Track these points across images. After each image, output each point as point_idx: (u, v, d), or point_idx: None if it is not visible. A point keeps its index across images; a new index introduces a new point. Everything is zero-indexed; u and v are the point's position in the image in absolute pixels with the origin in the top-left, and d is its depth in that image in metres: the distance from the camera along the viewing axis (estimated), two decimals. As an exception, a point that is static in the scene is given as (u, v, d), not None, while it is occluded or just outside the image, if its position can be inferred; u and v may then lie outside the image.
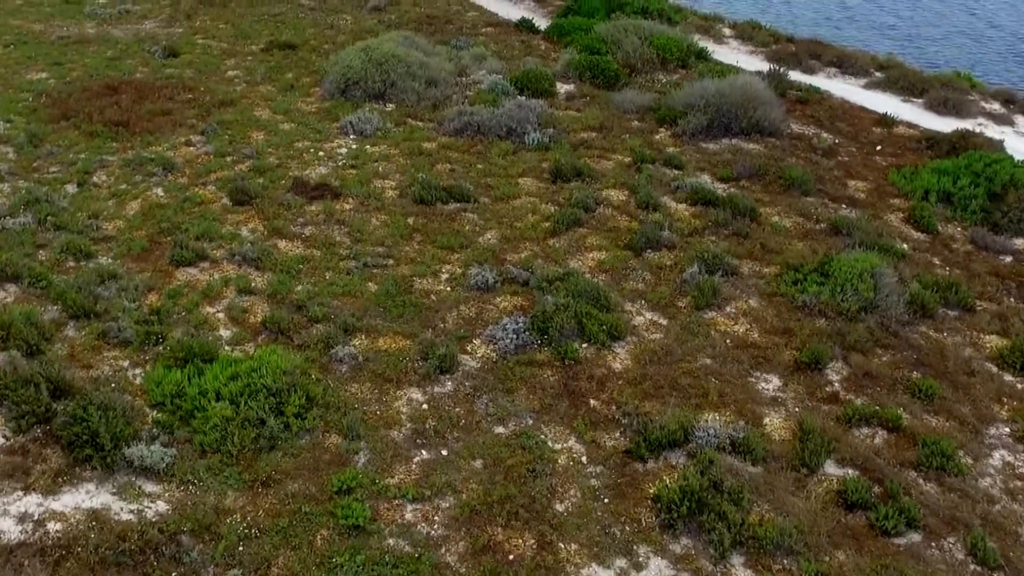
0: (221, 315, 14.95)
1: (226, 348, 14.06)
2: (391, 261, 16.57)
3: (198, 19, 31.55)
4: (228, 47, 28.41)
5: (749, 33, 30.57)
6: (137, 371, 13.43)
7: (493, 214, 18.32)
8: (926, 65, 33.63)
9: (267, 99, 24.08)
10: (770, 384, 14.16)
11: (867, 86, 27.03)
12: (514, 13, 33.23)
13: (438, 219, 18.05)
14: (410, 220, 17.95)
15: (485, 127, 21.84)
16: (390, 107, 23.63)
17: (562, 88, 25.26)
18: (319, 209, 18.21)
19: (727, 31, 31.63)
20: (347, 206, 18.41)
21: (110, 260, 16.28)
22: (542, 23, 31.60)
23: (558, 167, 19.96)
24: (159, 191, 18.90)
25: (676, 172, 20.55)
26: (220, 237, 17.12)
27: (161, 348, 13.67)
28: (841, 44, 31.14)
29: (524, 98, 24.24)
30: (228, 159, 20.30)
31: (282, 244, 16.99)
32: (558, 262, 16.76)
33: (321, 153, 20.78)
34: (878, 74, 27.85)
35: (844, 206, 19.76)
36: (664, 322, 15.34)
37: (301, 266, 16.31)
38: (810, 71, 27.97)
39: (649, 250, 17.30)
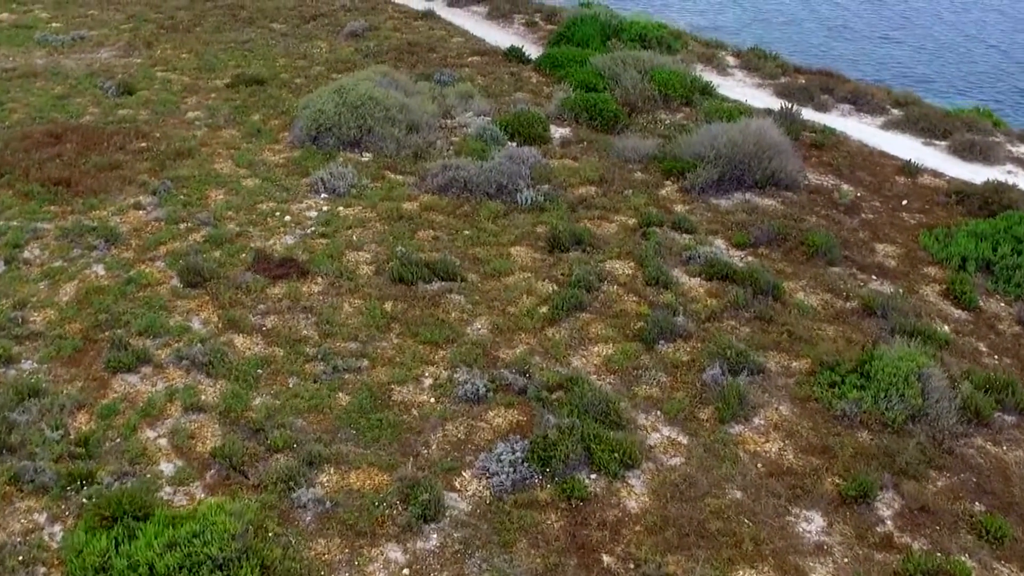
0: (163, 442, 12.65)
1: (167, 490, 11.77)
2: (365, 362, 14.30)
3: (159, 47, 29.09)
4: (190, 81, 26.00)
5: (755, 63, 28.45)
6: (56, 528, 11.11)
7: (483, 296, 16.09)
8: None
9: (230, 147, 21.72)
10: (812, 525, 12.02)
11: (885, 126, 24.96)
12: (502, 38, 30.98)
13: (420, 304, 15.81)
14: (388, 305, 15.69)
15: (472, 184, 19.59)
16: (367, 157, 21.35)
17: (557, 132, 23.04)
18: (283, 292, 15.92)
19: (731, 60, 29.49)
20: (315, 288, 16.12)
21: (35, 365, 13.92)
22: (533, 51, 29.36)
23: (555, 234, 17.75)
24: (99, 269, 16.53)
25: (687, 237, 18.38)
26: (167, 332, 14.80)
27: (86, 498, 11.36)
28: (850, 75, 29.15)
29: (515, 144, 22.03)
30: (181, 227, 17.94)
31: (239, 340, 14.69)
32: (559, 360, 14.57)
33: (288, 218, 18.47)
34: (895, 111, 25.80)
35: (874, 277, 17.67)
36: (684, 440, 13.17)
37: (260, 371, 14.01)
38: (823, 108, 25.88)
39: (662, 341, 15.13)
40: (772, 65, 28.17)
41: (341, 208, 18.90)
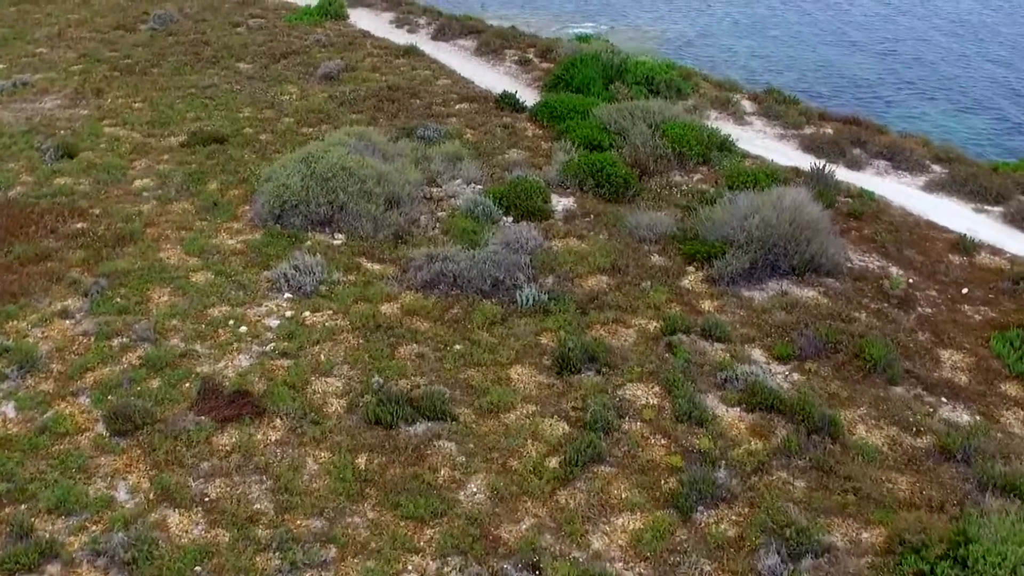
0: None
1: None
2: (332, 551, 11.31)
3: (110, 94, 26.00)
4: (141, 140, 22.94)
5: (775, 109, 25.56)
6: None
7: (479, 443, 13.13)
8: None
9: (180, 226, 18.68)
10: None
11: (928, 187, 22.14)
12: (493, 79, 28.05)
13: (401, 457, 12.83)
14: (362, 460, 12.71)
15: (463, 279, 16.63)
16: (339, 239, 18.36)
17: (559, 203, 20.11)
18: (233, 442, 12.92)
19: (747, 105, 26.59)
20: (272, 435, 13.13)
21: (-92, 568, 11.01)
22: (527, 94, 26.45)
23: (564, 351, 14.82)
24: (9, 409, 13.46)
25: (719, 348, 15.49)
26: (84, 506, 11.77)
27: None
28: (881, 122, 26.38)
29: (511, 220, 19.14)
30: (115, 344, 14.93)
31: (174, 520, 11.68)
32: (575, 540, 11.63)
33: (243, 329, 15.47)
34: (937, 168, 22.97)
35: (944, 400, 14.82)
36: (741, 667, 10.35)
37: (198, 567, 11.08)
38: (857, 165, 23.04)
39: (701, 507, 12.24)
40: (794, 112, 25.31)
41: (307, 313, 15.92)
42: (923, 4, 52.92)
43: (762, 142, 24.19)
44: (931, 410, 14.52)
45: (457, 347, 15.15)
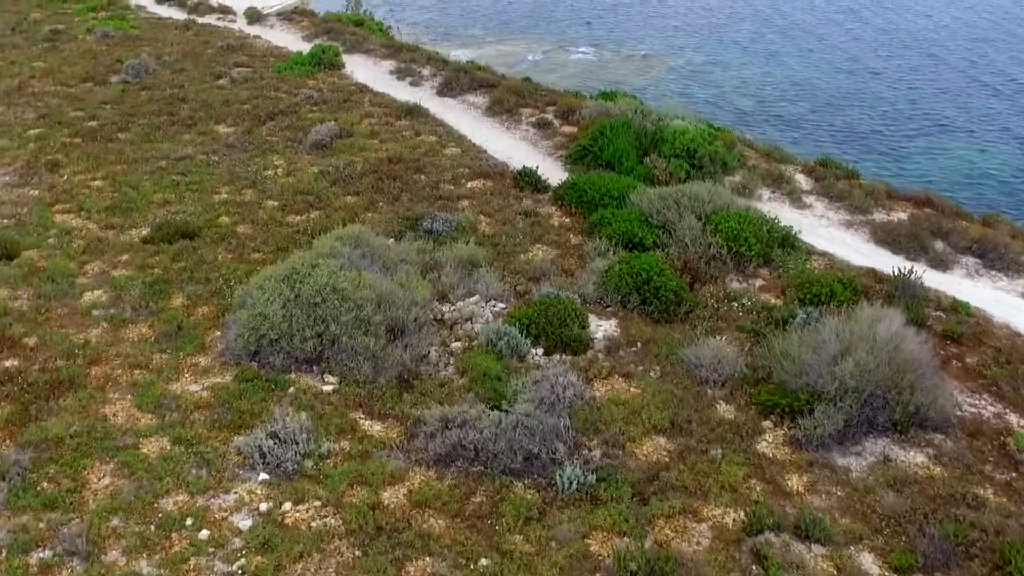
0: None
1: None
2: None
3: (68, 168, 22.49)
4: (97, 232, 19.39)
5: (836, 188, 22.02)
6: None
7: None
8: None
9: (134, 364, 15.12)
10: None
11: (1031, 293, 18.77)
12: (508, 146, 24.55)
13: None
14: None
15: (487, 451, 13.12)
16: (330, 384, 14.82)
17: (599, 327, 16.56)
18: None
19: (803, 181, 23.04)
20: None
21: None
22: (549, 167, 22.96)
23: (624, 575, 11.37)
24: None
25: (820, 554, 11.98)
26: None
27: None
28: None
29: (541, 352, 15.65)
30: (33, 563, 11.31)
31: None
32: None
33: (204, 533, 11.87)
34: (1036, 266, 19.62)
35: (1121, 633, 11.42)
36: None
37: None
38: (941, 264, 19.55)
39: None
40: (860, 192, 21.77)
41: (288, 505, 12.34)
42: (936, 31, 52.48)
43: (827, 231, 20.70)
44: (1108, 655, 11.10)
45: (483, 562, 11.58)
